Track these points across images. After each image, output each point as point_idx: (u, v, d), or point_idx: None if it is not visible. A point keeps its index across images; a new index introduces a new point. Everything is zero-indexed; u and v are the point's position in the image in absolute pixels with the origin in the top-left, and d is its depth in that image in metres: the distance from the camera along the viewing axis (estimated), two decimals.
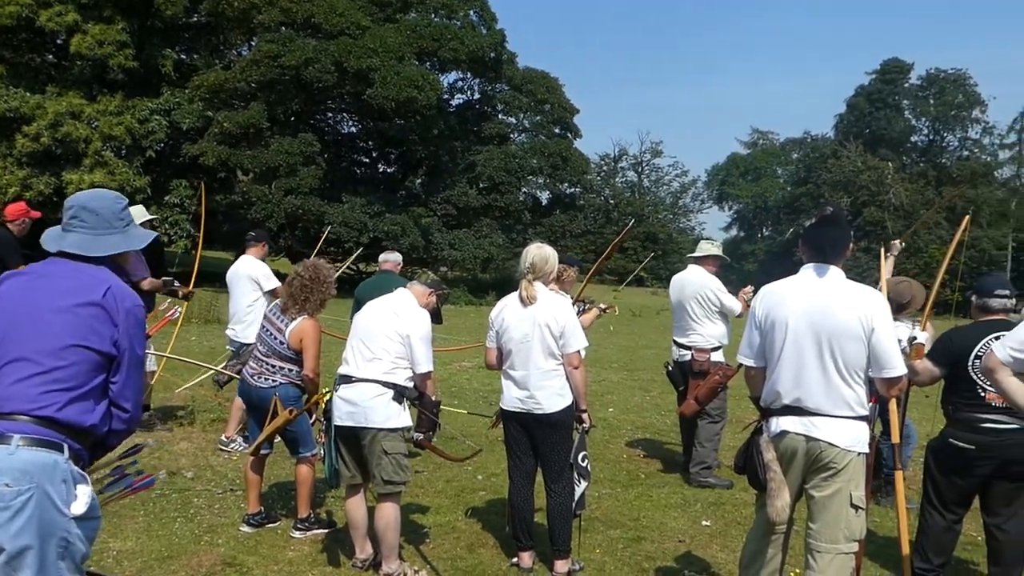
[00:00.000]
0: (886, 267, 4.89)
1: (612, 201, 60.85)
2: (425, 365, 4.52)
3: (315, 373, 4.98)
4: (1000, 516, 4.37)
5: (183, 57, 30.59)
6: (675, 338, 6.90)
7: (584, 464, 4.71)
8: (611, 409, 9.92)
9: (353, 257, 12.91)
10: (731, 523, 5.70)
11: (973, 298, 4.51)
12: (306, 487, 5.10)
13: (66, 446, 2.51)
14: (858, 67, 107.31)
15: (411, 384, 4.53)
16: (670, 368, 7.00)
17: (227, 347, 7.79)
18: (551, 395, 4.53)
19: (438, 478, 6.46)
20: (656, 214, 61.55)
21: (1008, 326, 4.12)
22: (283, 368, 5.00)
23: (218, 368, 7.64)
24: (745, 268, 52.05)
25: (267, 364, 5.03)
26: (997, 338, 3.89)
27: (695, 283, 6.72)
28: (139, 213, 6.90)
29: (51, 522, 2.44)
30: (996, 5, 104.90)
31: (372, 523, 4.56)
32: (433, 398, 4.67)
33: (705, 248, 6.94)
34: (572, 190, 41.91)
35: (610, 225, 55.31)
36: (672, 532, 5.50)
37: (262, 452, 5.16)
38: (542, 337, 4.51)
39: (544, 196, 42.00)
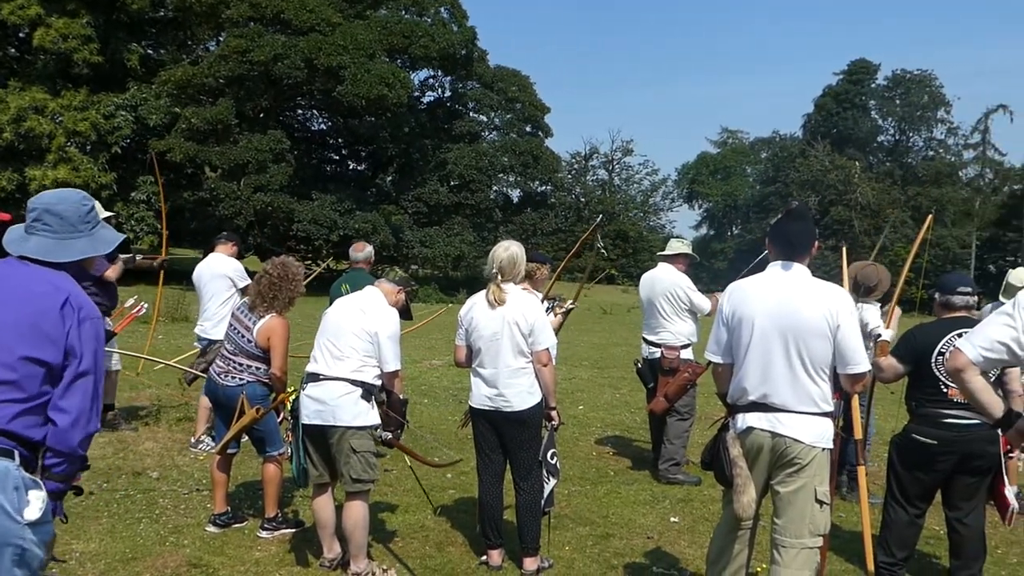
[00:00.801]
0: (846, 274, 4.98)
1: (583, 199, 60.97)
2: (393, 364, 4.50)
3: (283, 371, 4.93)
4: (962, 510, 4.45)
5: (149, 52, 30.24)
6: (645, 335, 6.93)
7: (553, 462, 4.72)
8: (581, 407, 9.94)
9: (318, 272, 12.28)
10: (699, 519, 5.74)
11: (936, 295, 4.58)
12: (273, 486, 5.06)
13: (17, 452, 2.45)
14: (826, 67, 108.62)
15: (379, 382, 4.51)
16: (639, 366, 7.03)
17: (195, 344, 7.69)
18: (520, 393, 4.53)
19: (407, 476, 6.41)
20: (627, 212, 61.77)
21: (970, 323, 4.19)
22: (250, 366, 4.96)
23: (185, 367, 7.57)
24: (715, 266, 52.38)
25: (234, 363, 4.98)
26: (960, 335, 3.95)
27: (665, 281, 6.75)
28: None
29: (4, 530, 2.38)
30: (961, 7, 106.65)
31: (340, 522, 4.53)
32: (401, 396, 4.64)
33: (675, 247, 6.98)
34: (543, 188, 42.04)
35: (581, 223, 55.36)
36: (641, 528, 5.52)
37: (229, 451, 5.11)
38: (511, 335, 4.50)
39: (515, 194, 42.12)
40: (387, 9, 32.38)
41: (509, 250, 4.63)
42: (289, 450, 4.70)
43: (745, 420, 3.56)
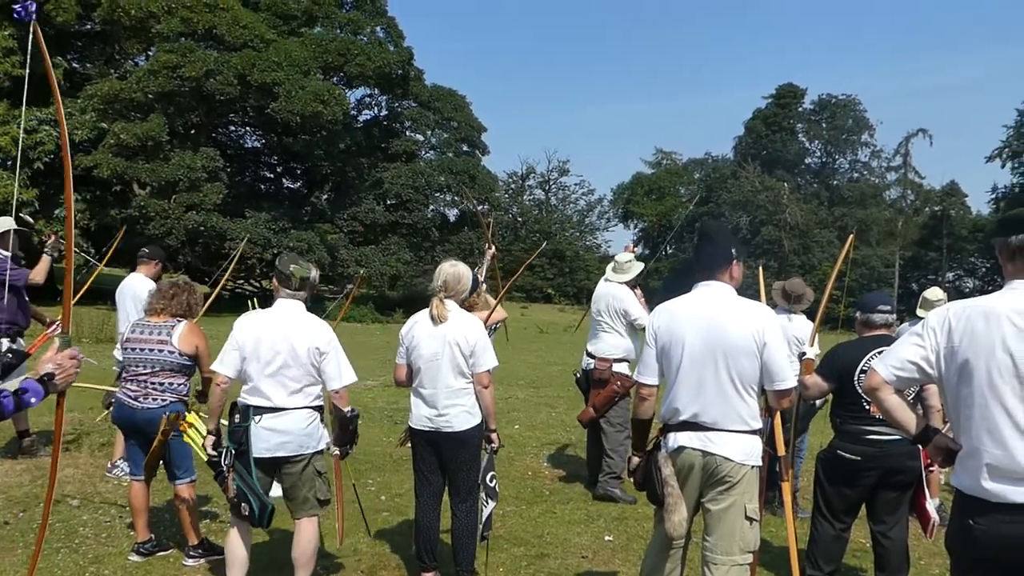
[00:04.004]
0: (763, 291, 5.15)
1: (520, 219, 61.31)
2: (348, 376, 4.35)
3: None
4: (885, 523, 4.57)
5: (75, 66, 29.44)
6: (587, 346, 7.01)
7: (492, 484, 4.69)
8: (517, 426, 9.93)
9: (221, 268, 11.32)
10: (633, 537, 5.76)
11: (857, 314, 4.72)
12: (191, 513, 4.91)
13: None
14: (755, 91, 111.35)
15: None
16: (578, 376, 7.12)
17: (114, 367, 7.41)
18: (461, 413, 4.53)
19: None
20: (563, 232, 62.27)
21: (890, 341, 4.30)
22: (172, 384, 4.84)
23: (105, 388, 7.30)
24: (650, 285, 53.08)
25: (152, 384, 4.83)
26: (880, 353, 4.06)
27: (610, 294, 6.85)
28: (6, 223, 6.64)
29: None
30: (883, 34, 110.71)
31: (254, 552, 4.43)
32: (347, 411, 4.40)
33: (633, 267, 6.99)
34: (480, 207, 42.04)
35: (518, 243, 55.68)
36: (576, 548, 5.52)
37: (142, 477, 4.94)
38: (452, 355, 4.49)
39: (452, 213, 42.03)
40: (322, 27, 32.14)
41: (456, 267, 4.65)
42: (235, 488, 4.26)
43: (676, 439, 3.59)
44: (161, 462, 4.92)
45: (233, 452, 4.23)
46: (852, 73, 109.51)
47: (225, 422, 4.43)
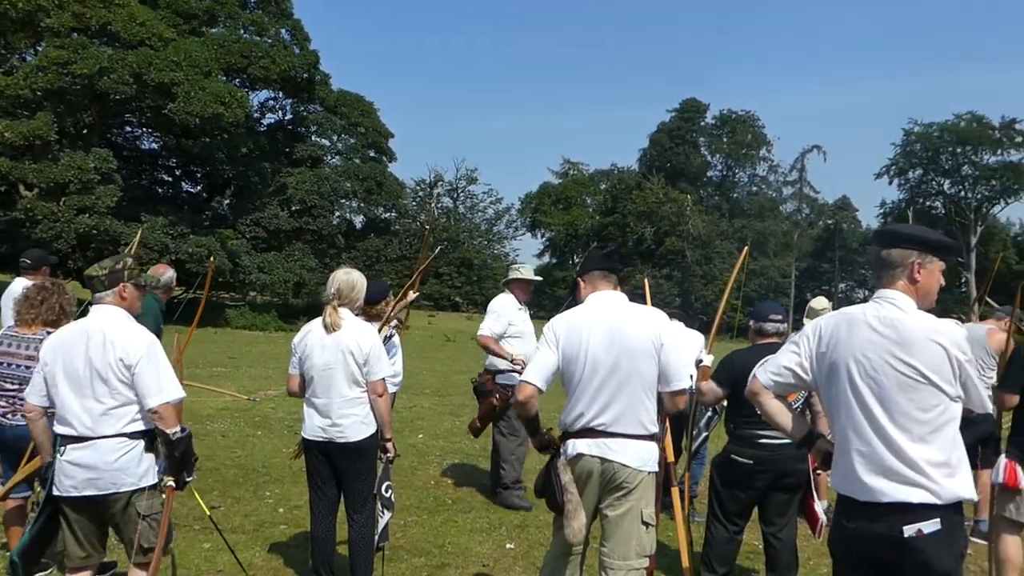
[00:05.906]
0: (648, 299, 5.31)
1: (427, 227, 61.06)
2: (171, 390, 3.60)
3: None
4: (776, 525, 4.71)
5: None
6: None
7: (388, 495, 4.63)
8: (421, 435, 9.83)
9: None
10: (534, 545, 5.78)
11: (751, 323, 4.86)
12: None
13: None
14: (660, 105, 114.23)
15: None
16: (476, 384, 7.14)
17: None
18: (355, 423, 4.46)
19: (235, 512, 6.14)
20: (471, 240, 62.34)
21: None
22: None
23: None
24: (557, 294, 53.60)
25: (21, 400, 4.56)
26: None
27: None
28: None
29: None
30: (781, 55, 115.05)
31: None
32: (174, 433, 3.60)
33: (514, 272, 7.05)
34: (387, 215, 41.80)
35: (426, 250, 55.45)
36: (477, 557, 5.50)
37: (22, 495, 4.66)
38: (345, 364, 4.42)
39: (358, 220, 41.61)
40: (224, 27, 31.31)
41: (350, 274, 4.58)
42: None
43: (576, 447, 3.62)
44: (36, 480, 4.65)
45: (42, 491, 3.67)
46: (752, 90, 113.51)
47: None
